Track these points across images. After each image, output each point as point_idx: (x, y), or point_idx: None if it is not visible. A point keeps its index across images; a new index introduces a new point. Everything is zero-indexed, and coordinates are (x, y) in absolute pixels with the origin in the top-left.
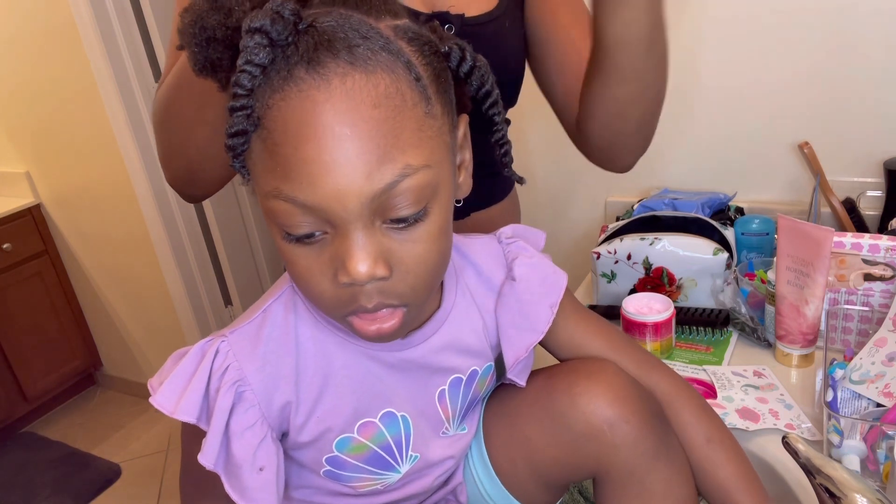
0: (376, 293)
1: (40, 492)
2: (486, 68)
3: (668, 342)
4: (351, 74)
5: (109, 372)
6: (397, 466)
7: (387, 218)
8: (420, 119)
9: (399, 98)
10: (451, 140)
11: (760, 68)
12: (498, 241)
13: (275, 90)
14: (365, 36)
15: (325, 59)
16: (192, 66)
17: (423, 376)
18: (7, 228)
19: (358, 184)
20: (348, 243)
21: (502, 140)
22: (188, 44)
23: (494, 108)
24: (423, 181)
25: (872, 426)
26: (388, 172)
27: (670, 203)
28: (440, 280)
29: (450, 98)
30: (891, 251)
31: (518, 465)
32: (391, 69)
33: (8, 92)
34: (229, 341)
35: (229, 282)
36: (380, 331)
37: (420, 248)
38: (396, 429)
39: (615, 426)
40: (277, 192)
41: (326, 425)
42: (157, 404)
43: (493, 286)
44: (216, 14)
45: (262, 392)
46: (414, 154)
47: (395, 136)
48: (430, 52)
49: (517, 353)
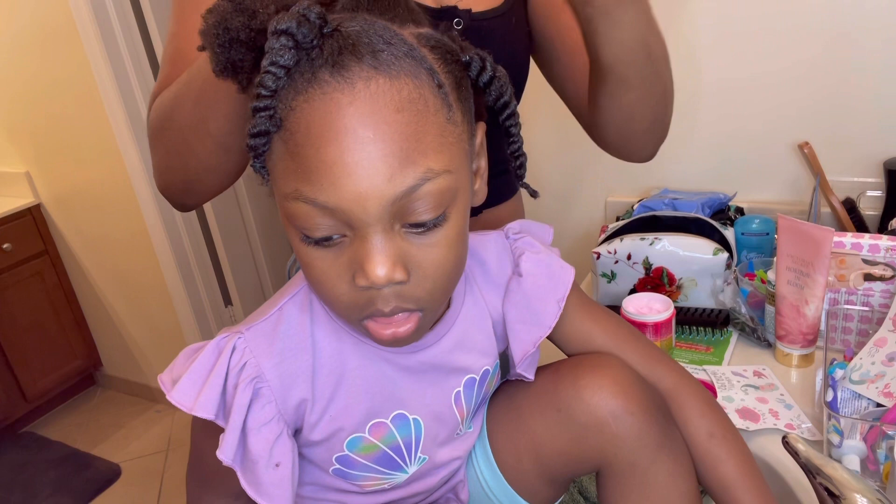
0: (393, 297)
1: (40, 492)
2: (506, 79)
3: (668, 342)
4: (375, 78)
5: (109, 372)
6: (405, 467)
7: (406, 222)
8: (442, 125)
9: (422, 103)
10: (469, 147)
11: (760, 68)
12: (506, 236)
13: (298, 92)
14: (389, 42)
15: (349, 63)
16: (213, 67)
17: (438, 378)
18: (7, 228)
19: (379, 187)
20: (367, 246)
21: (518, 152)
22: (210, 45)
23: (511, 119)
24: (443, 186)
25: (872, 426)
26: (410, 176)
27: (670, 203)
28: (456, 284)
29: (469, 106)
30: (891, 251)
31: (522, 459)
32: (414, 75)
33: (8, 92)
34: (245, 338)
35: (229, 282)
36: (395, 335)
37: (438, 253)
38: (407, 431)
39: (619, 418)
40: (298, 194)
41: (339, 424)
42: (174, 401)
43: (500, 282)
44: (240, 16)
45: (279, 389)
46: (435, 158)
47: (417, 139)
48: (451, 60)
49: (525, 349)
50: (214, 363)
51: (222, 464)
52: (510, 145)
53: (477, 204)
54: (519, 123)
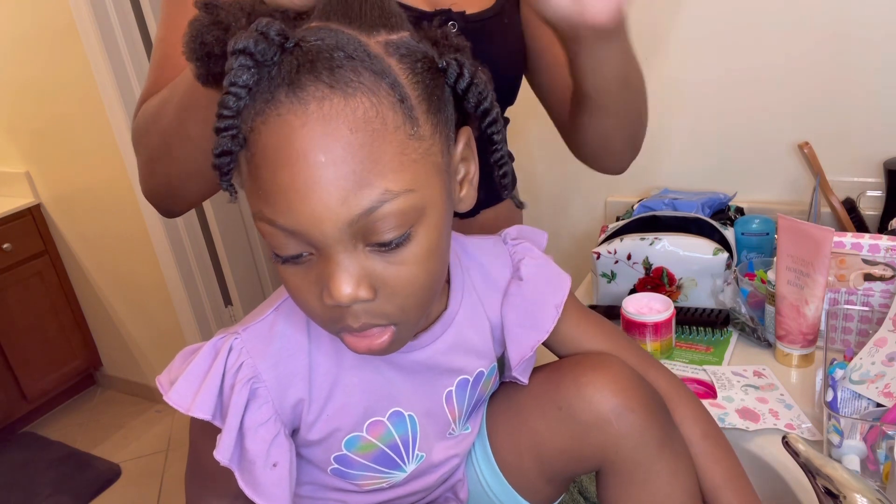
0: (363, 313)
1: (40, 492)
2: (486, 85)
3: (668, 342)
4: (329, 98)
5: (109, 372)
6: (403, 465)
7: (370, 241)
8: (402, 142)
9: (379, 122)
10: (443, 160)
11: (760, 68)
12: (504, 241)
13: (258, 113)
14: (350, 56)
15: (305, 83)
16: (196, 77)
17: (431, 377)
18: (7, 228)
19: (334, 210)
20: (331, 266)
21: (501, 160)
22: (189, 57)
23: (493, 126)
24: (405, 205)
25: (872, 426)
26: (366, 198)
27: (670, 203)
28: (433, 298)
29: (445, 116)
30: (891, 251)
31: (523, 458)
32: (373, 91)
33: (9, 92)
34: (242, 338)
35: (229, 282)
36: (370, 347)
37: (406, 271)
38: (404, 428)
39: (621, 416)
40: (261, 215)
41: (336, 424)
42: (171, 402)
43: (499, 286)
44: (215, 29)
45: (276, 389)
46: (394, 179)
47: (373, 161)
48: (423, 69)
49: (522, 352)
50: (211, 364)
51: (219, 467)
52: (493, 153)
53: (464, 210)
54: (502, 131)
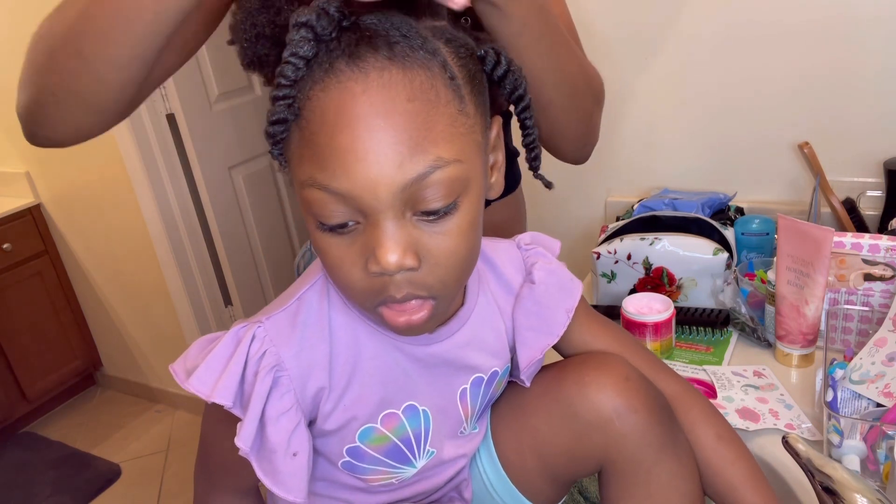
0: (406, 283)
1: (40, 492)
2: (520, 73)
3: (668, 342)
4: (388, 69)
5: (109, 372)
6: (414, 461)
7: (418, 210)
8: (453, 115)
9: (433, 93)
10: (483, 140)
11: (760, 68)
12: (517, 246)
13: (315, 81)
14: (405, 34)
15: (365, 54)
16: (240, 60)
17: (447, 373)
18: (7, 228)
19: (389, 173)
20: (379, 233)
21: (533, 144)
22: (238, 39)
23: (526, 112)
24: (453, 174)
25: (872, 426)
26: (420, 163)
27: (670, 203)
28: (469, 274)
29: (484, 100)
30: (891, 251)
31: (526, 457)
32: (427, 67)
33: (8, 92)
34: (265, 327)
35: (229, 282)
36: (409, 322)
37: (450, 242)
38: (417, 422)
39: (623, 416)
40: (312, 181)
41: (352, 414)
42: (192, 388)
43: (512, 289)
44: (266, 12)
45: (298, 378)
46: (445, 147)
47: (427, 128)
48: (465, 54)
49: (532, 355)
50: (233, 352)
51: (231, 460)
52: (525, 137)
53: (493, 196)
54: (533, 116)
